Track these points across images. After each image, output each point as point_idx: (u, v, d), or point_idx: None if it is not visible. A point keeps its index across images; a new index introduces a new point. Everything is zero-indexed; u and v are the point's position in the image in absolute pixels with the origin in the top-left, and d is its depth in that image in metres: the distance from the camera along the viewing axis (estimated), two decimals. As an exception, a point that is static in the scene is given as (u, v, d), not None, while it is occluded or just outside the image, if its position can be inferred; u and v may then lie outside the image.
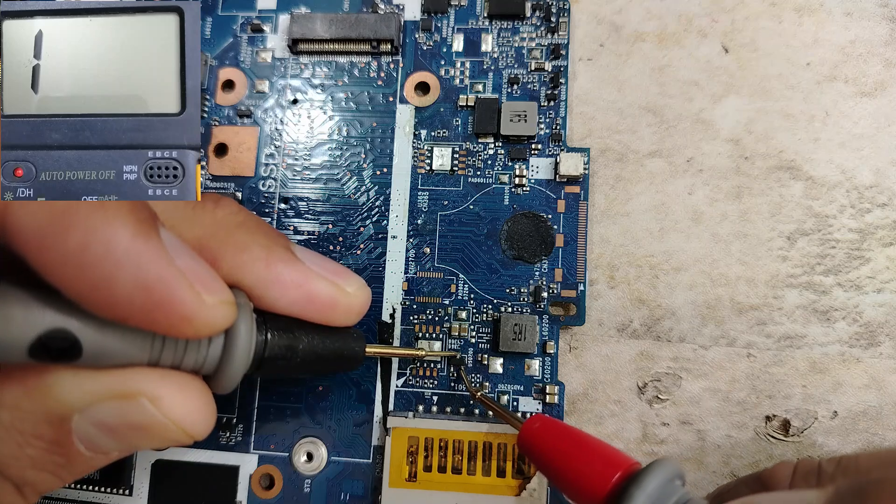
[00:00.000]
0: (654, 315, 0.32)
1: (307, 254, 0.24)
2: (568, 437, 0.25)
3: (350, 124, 0.35)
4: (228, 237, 0.22)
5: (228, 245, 0.22)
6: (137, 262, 0.17)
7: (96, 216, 0.17)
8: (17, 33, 0.21)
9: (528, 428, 0.26)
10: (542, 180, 0.33)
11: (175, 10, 0.22)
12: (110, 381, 0.19)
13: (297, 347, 0.23)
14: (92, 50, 0.21)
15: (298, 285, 0.23)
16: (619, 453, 0.24)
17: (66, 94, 0.21)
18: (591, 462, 0.23)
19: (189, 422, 0.20)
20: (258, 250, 0.22)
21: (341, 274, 0.24)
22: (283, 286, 0.23)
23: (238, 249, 0.22)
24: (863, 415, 0.30)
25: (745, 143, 0.33)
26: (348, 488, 0.31)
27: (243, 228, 0.23)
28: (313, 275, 0.23)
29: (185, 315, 0.18)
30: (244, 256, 0.22)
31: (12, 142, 0.21)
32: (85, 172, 0.21)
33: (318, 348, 0.24)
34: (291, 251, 0.23)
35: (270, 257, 0.22)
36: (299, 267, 0.23)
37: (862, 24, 0.33)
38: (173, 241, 0.19)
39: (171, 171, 0.23)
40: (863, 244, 0.31)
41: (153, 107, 0.22)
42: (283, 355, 0.23)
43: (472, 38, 0.35)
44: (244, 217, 0.23)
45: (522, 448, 0.27)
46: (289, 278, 0.23)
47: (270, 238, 0.23)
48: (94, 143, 0.21)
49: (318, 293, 0.23)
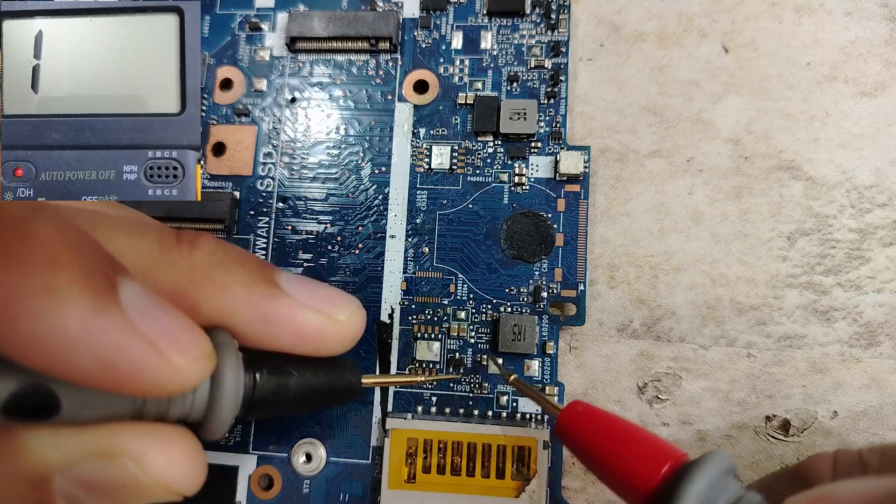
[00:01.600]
0: (654, 315, 0.32)
1: (294, 283, 0.23)
2: (612, 425, 0.23)
3: (348, 123, 0.34)
4: (207, 279, 0.21)
5: (207, 288, 0.21)
6: (94, 339, 0.16)
7: (43, 301, 0.15)
8: (17, 33, 0.21)
9: (569, 413, 0.24)
10: (542, 179, 0.33)
11: (175, 10, 0.22)
12: (91, 439, 0.18)
13: (288, 385, 0.22)
14: (92, 50, 0.21)
15: (285, 321, 0.22)
16: (667, 443, 0.22)
17: (66, 94, 0.21)
18: (638, 452, 0.22)
19: (174, 479, 0.19)
20: (239, 289, 0.21)
21: (332, 300, 0.23)
22: (268, 323, 0.21)
23: (218, 291, 0.21)
24: (863, 415, 0.30)
25: (745, 143, 0.33)
26: (347, 489, 0.31)
27: (222, 268, 0.21)
28: (300, 307, 0.22)
29: (154, 381, 0.17)
30: (225, 298, 0.21)
31: (12, 142, 0.21)
32: (85, 172, 0.21)
33: (311, 383, 0.23)
34: (276, 284, 0.22)
35: (253, 295, 0.21)
36: (284, 301, 0.22)
37: (862, 24, 0.33)
38: (138, 298, 0.17)
39: (171, 171, 0.23)
40: (863, 244, 0.31)
41: (153, 107, 0.22)
42: (275, 394, 0.22)
43: (471, 36, 0.34)
44: (222, 255, 0.21)
45: (560, 434, 0.25)
46: (274, 315, 0.21)
47: (252, 274, 0.22)
48: (94, 143, 0.21)
49: (306, 327, 0.22)
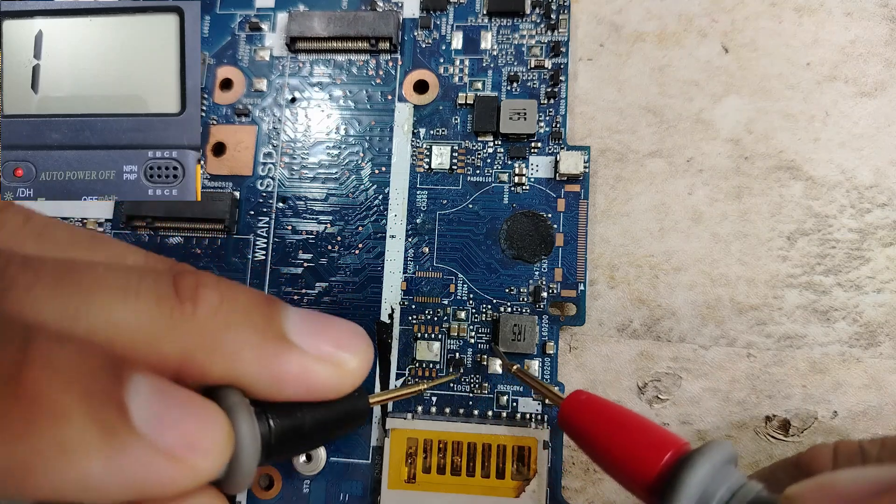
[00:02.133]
0: (654, 315, 0.32)
1: (302, 328, 0.22)
2: (614, 414, 0.24)
3: (348, 123, 0.34)
4: (215, 344, 0.20)
5: (216, 354, 0.20)
6: (117, 474, 0.16)
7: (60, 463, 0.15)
8: (17, 33, 0.21)
9: (572, 402, 0.25)
10: (542, 179, 0.33)
11: (175, 10, 0.22)
12: None
13: (302, 426, 0.22)
14: (92, 50, 0.21)
15: (297, 378, 0.21)
16: (669, 433, 0.22)
17: (66, 94, 0.21)
18: (640, 441, 0.22)
19: None
20: (250, 352, 0.20)
21: (340, 344, 0.22)
22: (279, 383, 0.21)
23: (228, 356, 0.20)
24: (863, 415, 0.30)
25: (745, 143, 0.33)
26: (347, 489, 0.31)
27: (231, 328, 0.20)
28: (310, 361, 0.21)
29: (180, 486, 0.17)
30: (235, 363, 0.20)
31: (12, 142, 0.21)
32: (85, 172, 0.21)
33: (323, 418, 0.23)
34: (285, 336, 0.21)
35: (264, 356, 0.20)
36: (295, 357, 0.21)
37: (862, 24, 0.33)
38: (149, 405, 0.17)
39: (171, 171, 0.23)
40: (863, 244, 0.31)
41: (153, 107, 0.22)
42: (290, 437, 0.22)
43: (471, 36, 0.34)
44: (228, 309, 0.20)
45: (563, 424, 0.25)
46: (286, 372, 0.21)
47: (261, 332, 0.21)
48: (94, 143, 0.21)
49: (318, 381, 0.21)
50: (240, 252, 0.34)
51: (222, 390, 0.20)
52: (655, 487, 0.21)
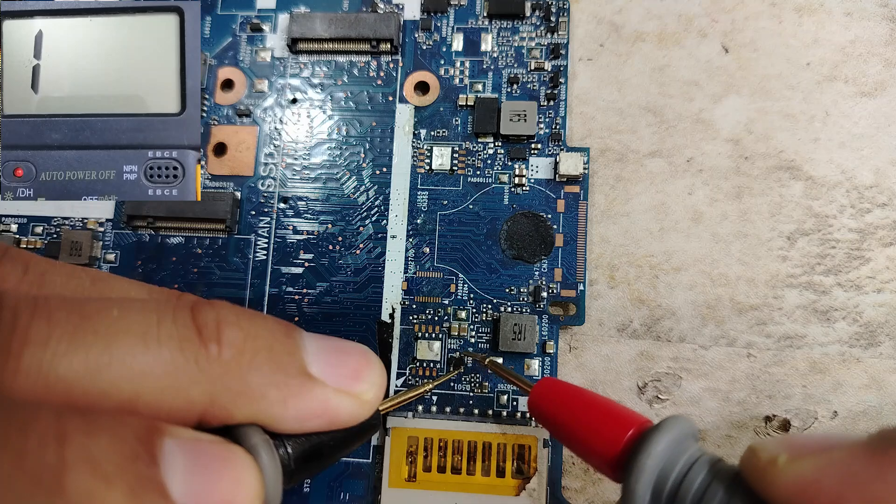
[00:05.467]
0: (654, 315, 0.32)
1: (321, 360, 0.22)
2: (578, 398, 0.24)
3: (349, 124, 0.35)
4: (241, 387, 0.19)
5: (242, 397, 0.20)
6: None
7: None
8: (17, 33, 0.21)
9: (538, 389, 0.26)
10: (542, 180, 0.33)
11: (175, 10, 0.22)
12: None
13: (321, 452, 0.22)
14: (92, 50, 0.21)
15: (318, 412, 0.21)
16: (631, 412, 0.23)
17: (66, 94, 0.21)
18: (603, 421, 0.23)
19: None
20: (274, 393, 0.20)
21: (360, 375, 0.22)
22: (302, 419, 0.21)
23: (253, 399, 0.20)
24: (863, 415, 0.30)
25: (745, 143, 0.33)
26: (348, 488, 0.31)
27: (254, 370, 0.20)
28: (331, 394, 0.21)
29: None
30: (261, 405, 0.20)
31: (12, 142, 0.21)
32: (85, 172, 0.21)
33: (339, 436, 0.23)
34: (307, 372, 0.21)
35: (289, 396, 0.20)
36: (317, 393, 0.21)
37: (862, 24, 0.33)
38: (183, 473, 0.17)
39: (171, 171, 0.23)
40: (863, 244, 0.31)
41: (153, 107, 0.22)
42: (310, 463, 0.22)
43: (471, 38, 0.35)
44: (251, 348, 0.20)
45: (533, 410, 0.26)
46: (307, 409, 0.21)
47: (283, 366, 0.21)
48: (94, 143, 0.21)
49: (338, 414, 0.21)
50: (241, 252, 0.34)
51: (243, 429, 0.20)
52: (619, 463, 0.22)
